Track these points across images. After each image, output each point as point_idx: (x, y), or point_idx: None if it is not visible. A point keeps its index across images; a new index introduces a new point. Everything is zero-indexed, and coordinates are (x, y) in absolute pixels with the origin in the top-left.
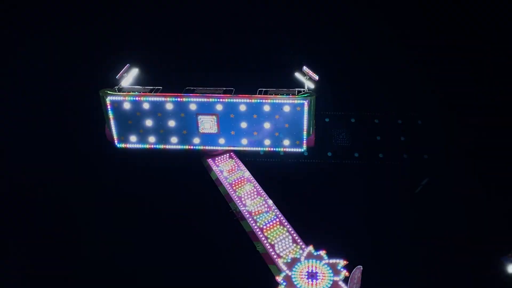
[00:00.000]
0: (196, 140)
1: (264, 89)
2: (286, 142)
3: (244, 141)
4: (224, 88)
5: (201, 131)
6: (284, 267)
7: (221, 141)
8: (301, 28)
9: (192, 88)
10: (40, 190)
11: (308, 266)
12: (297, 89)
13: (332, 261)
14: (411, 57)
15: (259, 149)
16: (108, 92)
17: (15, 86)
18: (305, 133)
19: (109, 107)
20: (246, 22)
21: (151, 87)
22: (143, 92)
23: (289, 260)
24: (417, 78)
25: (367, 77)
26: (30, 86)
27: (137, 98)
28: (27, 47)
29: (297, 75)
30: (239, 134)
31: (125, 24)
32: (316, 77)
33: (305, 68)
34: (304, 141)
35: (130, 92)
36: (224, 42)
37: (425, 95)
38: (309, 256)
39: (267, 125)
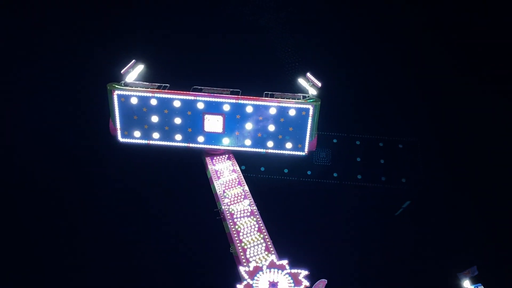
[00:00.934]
0: (200, 139)
1: (270, 92)
2: (289, 145)
3: (248, 142)
4: (231, 89)
5: (206, 130)
6: (246, 276)
7: (225, 141)
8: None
9: (199, 87)
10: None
11: (270, 276)
12: (301, 94)
13: (294, 271)
14: (399, 81)
15: (262, 150)
16: (116, 86)
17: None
18: (308, 137)
19: (115, 101)
20: (254, 27)
21: (158, 84)
22: (150, 89)
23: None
24: (402, 103)
25: (351, 99)
26: (35, 80)
27: (145, 94)
28: (37, 43)
29: (301, 81)
30: (243, 135)
31: (135, 23)
32: (319, 84)
33: (308, 75)
34: (306, 145)
35: (137, 87)
36: (231, 44)
37: (408, 120)
38: (272, 265)
39: (271, 127)
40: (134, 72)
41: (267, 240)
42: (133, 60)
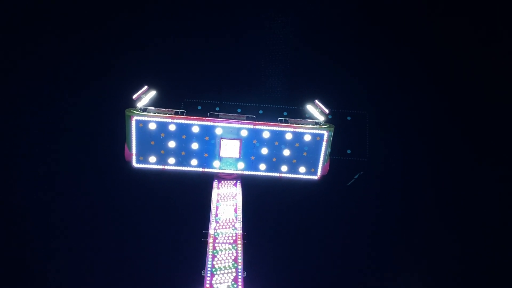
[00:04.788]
0: (216, 163)
1: (284, 118)
2: (302, 169)
3: (262, 166)
4: (246, 115)
5: (222, 155)
6: None
7: (240, 165)
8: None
9: (215, 113)
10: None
11: None
12: (314, 120)
13: None
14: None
15: (276, 174)
16: (134, 111)
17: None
18: (321, 161)
19: (133, 126)
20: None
21: (175, 110)
22: (168, 115)
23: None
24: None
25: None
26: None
27: (164, 120)
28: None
29: (309, 107)
30: (258, 160)
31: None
32: (327, 111)
33: (317, 102)
34: (319, 169)
35: (156, 113)
36: (243, 71)
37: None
38: None
39: (286, 152)
40: (146, 98)
41: (239, 270)
42: (146, 86)
